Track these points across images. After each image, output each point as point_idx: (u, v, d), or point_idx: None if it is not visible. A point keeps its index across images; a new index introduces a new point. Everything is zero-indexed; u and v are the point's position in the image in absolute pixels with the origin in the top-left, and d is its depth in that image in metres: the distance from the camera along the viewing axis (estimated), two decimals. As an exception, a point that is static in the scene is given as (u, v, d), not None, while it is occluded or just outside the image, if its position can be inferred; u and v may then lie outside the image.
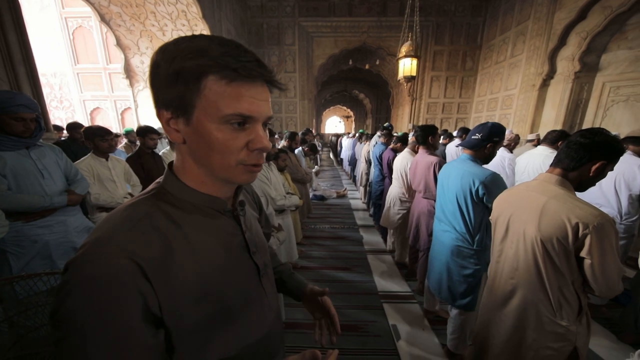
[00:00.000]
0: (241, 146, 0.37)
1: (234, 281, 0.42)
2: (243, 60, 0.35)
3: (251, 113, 0.36)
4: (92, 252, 0.31)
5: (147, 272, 0.31)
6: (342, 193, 5.23)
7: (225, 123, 0.35)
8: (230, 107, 0.34)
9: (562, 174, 0.89)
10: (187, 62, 0.33)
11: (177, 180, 0.40)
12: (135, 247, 0.32)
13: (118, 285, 0.29)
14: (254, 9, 7.21)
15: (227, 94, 0.34)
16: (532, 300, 0.91)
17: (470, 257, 1.35)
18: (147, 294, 0.31)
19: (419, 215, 2.08)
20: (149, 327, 0.31)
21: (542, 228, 0.86)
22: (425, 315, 1.89)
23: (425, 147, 2.04)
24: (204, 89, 0.34)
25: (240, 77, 0.34)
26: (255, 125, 0.37)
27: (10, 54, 2.12)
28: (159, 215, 0.37)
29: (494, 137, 1.25)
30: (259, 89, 0.37)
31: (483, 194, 1.22)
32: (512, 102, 5.74)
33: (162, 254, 0.34)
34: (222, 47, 0.34)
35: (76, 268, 0.30)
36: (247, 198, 0.57)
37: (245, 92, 0.35)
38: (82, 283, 0.29)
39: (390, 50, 7.01)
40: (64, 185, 1.49)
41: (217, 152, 0.36)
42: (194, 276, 0.36)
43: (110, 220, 0.35)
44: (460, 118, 7.63)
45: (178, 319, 0.34)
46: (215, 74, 0.34)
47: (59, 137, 3.74)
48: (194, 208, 0.40)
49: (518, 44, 5.52)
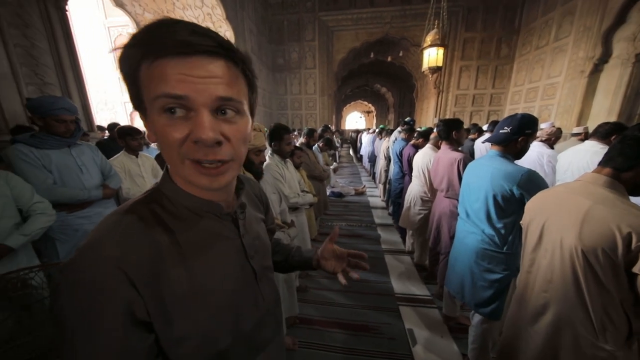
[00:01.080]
0: (182, 137, 0.31)
1: (227, 286, 0.41)
2: (168, 32, 0.29)
3: (182, 92, 0.30)
4: (80, 257, 0.31)
5: (133, 278, 0.31)
6: (360, 190, 5.13)
7: (162, 111, 0.31)
8: (158, 89, 0.30)
9: (613, 174, 0.75)
10: (122, 57, 0.31)
11: (171, 183, 0.39)
12: (122, 253, 0.31)
13: (99, 291, 0.29)
14: (275, 6, 7.26)
15: (156, 74, 0.30)
16: (568, 318, 0.80)
17: (500, 261, 1.23)
18: (133, 300, 0.31)
19: (440, 215, 1.96)
20: (136, 331, 0.31)
21: (584, 237, 0.74)
22: (445, 322, 1.78)
23: (448, 142, 1.90)
24: (141, 78, 0.31)
25: (167, 53, 0.29)
26: (198, 111, 0.31)
27: (61, 61, 2.37)
28: (151, 219, 0.36)
29: (525, 129, 1.11)
30: (199, 64, 0.30)
31: (520, 194, 1.10)
32: (556, 91, 5.13)
33: (150, 259, 0.33)
34: (149, 27, 0.30)
35: (65, 273, 0.30)
36: (251, 199, 0.56)
37: (172, 70, 0.29)
38: (68, 288, 0.29)
39: (415, 41, 6.63)
40: (100, 180, 1.64)
41: (165, 146, 0.33)
42: (185, 282, 0.36)
43: (103, 223, 0.35)
44: (493, 110, 7.01)
45: (167, 325, 0.34)
46: (144, 57, 0.30)
47: (102, 137, 4.15)
48: (188, 211, 0.39)
49: (564, 25, 4.88)
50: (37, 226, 1.18)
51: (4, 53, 1.95)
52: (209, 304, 0.38)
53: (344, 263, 0.63)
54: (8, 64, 1.98)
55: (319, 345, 1.62)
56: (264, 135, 1.17)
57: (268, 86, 7.59)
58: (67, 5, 2.44)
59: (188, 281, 0.36)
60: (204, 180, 0.34)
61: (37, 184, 1.31)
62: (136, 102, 0.34)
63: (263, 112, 7.18)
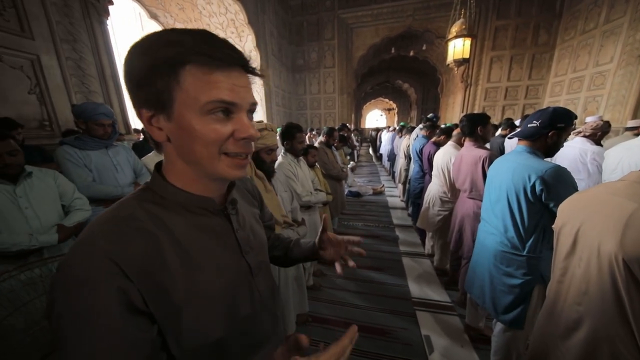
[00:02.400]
0: (226, 135, 0.36)
1: (222, 281, 0.41)
2: (218, 47, 0.34)
3: (233, 99, 0.35)
4: (73, 254, 0.32)
5: (127, 270, 0.32)
6: (379, 190, 5.01)
7: (208, 113, 0.35)
8: (211, 95, 0.34)
9: (666, 172, 0.65)
10: (161, 55, 0.33)
11: (162, 181, 0.40)
12: (115, 247, 0.32)
13: (93, 284, 0.30)
14: (295, 8, 7.36)
15: (206, 82, 0.34)
16: (606, 335, 0.70)
17: (520, 265, 1.12)
18: (129, 291, 0.31)
19: (462, 217, 1.84)
20: (136, 321, 0.32)
21: (627, 244, 0.64)
22: (466, 331, 1.67)
23: (472, 139, 1.77)
24: (182, 81, 0.33)
25: (217, 64, 0.34)
26: (239, 113, 0.37)
27: (104, 71, 2.64)
28: (143, 215, 0.37)
29: (557, 123, 1.00)
30: (237, 75, 0.36)
31: (541, 191, 0.99)
32: (606, 80, 4.53)
33: (144, 253, 0.34)
34: (194, 37, 0.34)
35: (60, 270, 0.31)
36: (244, 195, 0.56)
37: (224, 79, 0.34)
38: (63, 284, 0.30)
39: (440, 32, 6.29)
40: (132, 178, 1.80)
41: (202, 145, 0.35)
42: (182, 275, 0.36)
43: (96, 221, 0.36)
44: (530, 104, 6.39)
45: (168, 316, 0.35)
46: (192, 63, 0.33)
47: (137, 138, 4.56)
48: (179, 207, 0.40)
49: (617, 4, 4.28)
50: (75, 220, 1.31)
51: (58, 66, 2.23)
52: (206, 298, 0.39)
53: (342, 250, 0.64)
54: (61, 75, 2.26)
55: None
56: (275, 134, 1.19)
57: (288, 87, 7.72)
58: (108, 20, 2.71)
59: (185, 275, 0.37)
60: (236, 171, 0.39)
61: (79, 181, 1.47)
62: (155, 101, 0.35)
63: (283, 112, 7.33)
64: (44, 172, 1.32)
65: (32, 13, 2.03)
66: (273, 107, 6.65)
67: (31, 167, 1.27)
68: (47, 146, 2.04)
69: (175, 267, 0.36)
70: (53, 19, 2.17)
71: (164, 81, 0.33)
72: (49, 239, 1.19)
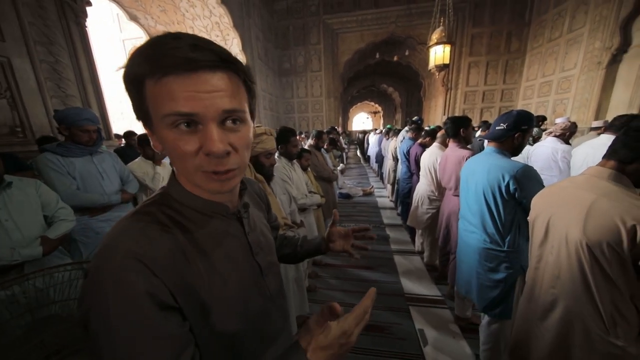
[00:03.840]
0: (193, 150, 0.33)
1: (237, 281, 0.43)
2: (169, 48, 0.30)
3: (191, 110, 0.31)
4: (102, 259, 0.32)
5: (154, 269, 0.33)
6: (368, 191, 5.12)
7: (172, 126, 0.32)
8: (167, 107, 0.31)
9: (618, 167, 0.75)
10: (126, 71, 0.33)
11: (179, 186, 0.41)
12: (141, 249, 0.33)
13: (127, 285, 0.30)
14: (280, 12, 7.42)
15: (161, 93, 0.31)
16: (577, 313, 0.79)
17: (502, 260, 1.22)
18: (158, 288, 0.32)
19: (449, 214, 1.94)
20: (172, 318, 0.33)
21: (589, 231, 0.74)
22: (457, 322, 1.76)
23: (456, 140, 1.89)
24: (146, 94, 0.32)
25: (169, 71, 0.30)
26: (206, 125, 0.33)
27: (82, 75, 2.54)
28: (164, 219, 0.38)
29: (521, 125, 1.11)
30: (202, 79, 0.31)
31: (515, 190, 1.09)
32: (571, 84, 4.93)
33: (169, 252, 0.35)
34: (151, 44, 0.31)
35: (91, 277, 0.32)
36: (252, 198, 0.59)
37: (179, 87, 0.30)
38: (97, 289, 0.31)
39: (421, 39, 6.57)
40: (119, 186, 1.75)
41: (177, 158, 0.35)
42: (201, 275, 0.38)
43: (118, 227, 0.36)
44: (505, 106, 6.81)
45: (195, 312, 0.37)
46: (148, 74, 0.31)
47: (119, 144, 4.38)
48: (195, 212, 0.41)
49: (578, 15, 4.71)
50: (60, 231, 1.25)
51: (31, 69, 2.12)
52: (224, 298, 0.41)
53: (351, 239, 0.69)
54: (35, 79, 2.15)
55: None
56: (274, 138, 1.22)
57: (275, 90, 7.73)
58: (86, 22, 2.62)
59: (206, 275, 0.39)
60: (214, 185, 0.36)
61: (62, 190, 1.41)
62: (140, 114, 0.36)
63: (270, 116, 7.31)
64: (25, 182, 1.26)
65: (2, 13, 1.92)
66: (261, 110, 6.63)
67: (11, 176, 1.21)
68: (20, 153, 1.93)
69: (198, 267, 0.38)
70: (25, 20, 2.07)
71: (135, 97, 0.34)
72: (32, 252, 1.14)
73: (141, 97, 0.33)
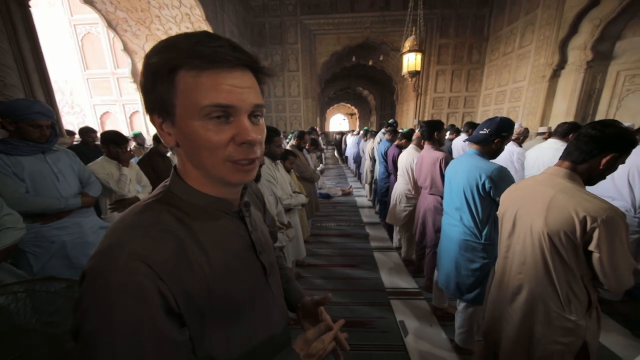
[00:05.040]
0: (227, 141, 0.35)
1: (241, 281, 0.42)
2: (214, 46, 0.33)
3: (231, 102, 0.34)
4: (106, 259, 0.31)
5: (161, 274, 0.32)
6: (347, 191, 5.23)
7: (206, 117, 0.33)
8: (207, 99, 0.33)
9: (571, 167, 0.87)
10: (158, 60, 0.33)
11: (183, 183, 0.40)
12: (147, 251, 0.32)
13: (139, 288, 0.30)
14: (256, 9, 7.23)
15: (202, 85, 0.33)
16: (540, 295, 0.91)
17: (479, 251, 1.34)
18: (165, 294, 0.31)
19: (425, 211, 2.07)
20: (175, 325, 0.33)
21: (550, 222, 0.85)
22: (433, 312, 1.89)
23: (430, 142, 2.02)
24: (178, 85, 0.33)
25: (213, 65, 0.33)
26: (239, 116, 0.35)
27: (25, 62, 2.20)
28: (168, 218, 0.37)
29: (502, 132, 1.23)
30: (237, 76, 0.35)
31: (490, 188, 1.22)
32: (521, 94, 5.59)
33: (173, 256, 0.34)
34: (190, 38, 0.33)
35: (93, 278, 0.30)
36: (252, 198, 0.58)
37: (221, 81, 0.33)
38: (101, 292, 0.29)
39: (394, 45, 6.91)
40: (78, 188, 1.55)
41: (204, 150, 0.35)
42: (205, 277, 0.37)
43: (120, 226, 0.35)
44: (467, 112, 7.48)
45: (193, 318, 0.35)
46: (186, 65, 0.32)
47: (71, 142, 3.87)
48: (200, 210, 0.40)
49: (527, 34, 5.36)
50: (4, 242, 1.07)
51: (-41, 54, 1.78)
52: (232, 299, 0.40)
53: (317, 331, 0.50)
54: (-36, 65, 1.81)
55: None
56: None
57: (251, 88, 7.51)
58: (29, 2, 2.27)
59: (207, 276, 0.37)
60: (240, 175, 0.38)
61: (7, 194, 1.21)
62: (159, 106, 0.35)
63: (247, 114, 7.08)
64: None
65: None
66: (237, 109, 6.39)
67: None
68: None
69: (203, 269, 0.37)
70: (-51, -2, 1.73)
71: (163, 87, 0.33)
72: None
73: (170, 88, 0.33)
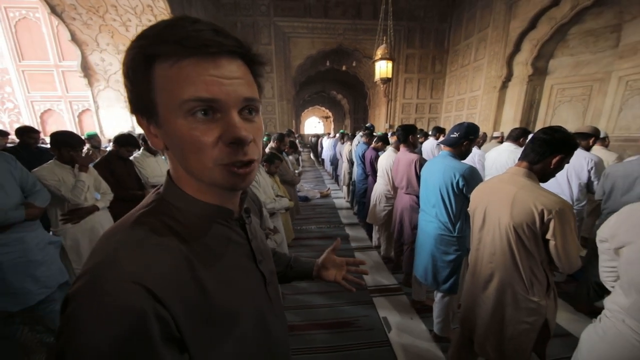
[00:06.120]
0: (213, 140, 0.30)
1: (243, 293, 0.40)
2: (191, 30, 0.28)
3: (214, 95, 0.29)
4: (97, 280, 0.27)
5: (158, 294, 0.28)
6: (325, 193, 5.28)
7: (188, 114, 0.29)
8: (187, 92, 0.28)
9: (528, 167, 1.00)
10: (132, 51, 0.29)
11: (178, 190, 0.36)
12: (142, 270, 0.29)
13: (134, 314, 0.26)
14: (227, 7, 6.99)
15: (180, 76, 0.28)
16: (508, 281, 1.02)
17: (452, 243, 1.47)
18: (164, 317, 0.28)
19: (402, 210, 2.19)
20: (175, 353, 0.30)
21: (514, 216, 0.96)
22: (413, 305, 1.99)
23: (406, 145, 2.15)
24: (155, 79, 0.29)
25: (192, 52, 0.28)
26: (227, 112, 0.30)
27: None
28: (164, 230, 0.33)
29: (469, 135, 1.37)
30: (223, 65, 0.30)
31: (463, 185, 1.34)
32: (477, 102, 6.25)
33: (171, 273, 0.31)
34: (166, 25, 0.29)
35: (82, 301, 0.26)
36: (249, 204, 0.55)
37: (201, 71, 0.29)
38: (93, 317, 0.25)
39: (366, 53, 7.22)
40: (19, 198, 1.34)
41: (190, 152, 0.31)
42: (207, 292, 0.34)
43: (109, 242, 0.31)
44: (432, 118, 8.10)
45: (195, 337, 0.32)
46: (162, 54, 0.28)
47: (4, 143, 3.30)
48: (198, 219, 0.37)
49: (480, 49, 6.02)
50: None
51: None
52: (236, 312, 0.37)
53: (343, 271, 0.67)
54: None
55: (302, 350, 1.62)
56: None
57: (223, 89, 7.20)
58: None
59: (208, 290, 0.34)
60: (235, 180, 0.33)
61: None
62: (140, 104, 0.32)
63: (219, 116, 6.77)
64: None
65: None
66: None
67: None
68: None
69: (204, 285, 0.34)
70: None
71: (140, 82, 0.30)
72: None
73: (147, 83, 0.29)
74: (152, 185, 2.50)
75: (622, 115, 3.86)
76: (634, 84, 3.70)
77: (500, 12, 5.25)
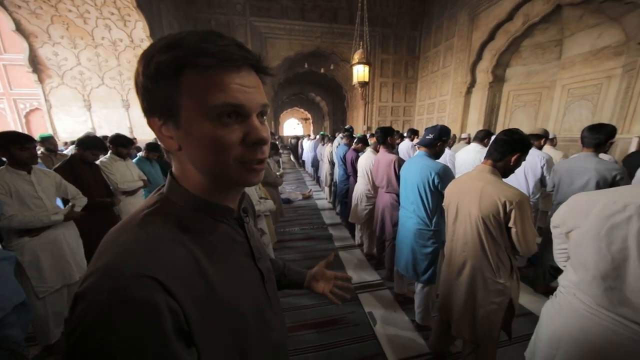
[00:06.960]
0: (237, 141, 0.34)
1: (244, 291, 0.41)
2: (221, 45, 0.32)
3: (241, 101, 0.33)
4: (109, 276, 0.28)
5: (170, 287, 0.29)
6: (307, 194, 5.30)
7: (216, 118, 0.32)
8: (218, 98, 0.32)
9: (492, 164, 1.13)
10: (161, 59, 0.31)
11: (182, 189, 0.38)
12: (153, 263, 0.30)
13: (148, 306, 0.27)
14: (200, 4, 6.73)
15: (211, 84, 0.32)
16: (479, 267, 1.14)
17: (430, 237, 1.58)
18: (175, 311, 0.29)
19: (383, 208, 2.29)
20: (184, 346, 0.30)
21: (482, 208, 1.08)
22: (396, 298, 2.09)
23: (385, 146, 2.26)
24: (184, 85, 0.32)
25: (221, 64, 0.32)
26: (249, 116, 0.35)
27: None
28: (171, 228, 0.35)
29: (442, 136, 1.49)
30: (245, 75, 0.34)
31: (438, 183, 1.46)
32: (446, 106, 6.73)
33: (181, 269, 0.32)
34: (196, 36, 0.33)
35: (95, 298, 0.26)
36: (247, 205, 0.56)
37: (230, 80, 0.33)
38: (108, 312, 0.26)
39: (343, 56, 7.40)
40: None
41: (213, 153, 0.34)
42: (214, 288, 0.35)
43: (117, 244, 0.32)
44: (406, 120, 8.55)
45: (202, 332, 0.33)
46: (193, 65, 0.31)
47: None
48: (202, 217, 0.38)
49: (447, 56, 6.51)
50: None
51: None
52: (239, 309, 0.39)
53: (331, 284, 0.72)
54: None
55: (291, 351, 1.62)
56: None
57: (198, 89, 6.90)
58: None
59: (214, 286, 0.36)
60: (251, 176, 0.37)
61: None
62: (163, 108, 0.33)
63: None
64: None
65: None
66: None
67: None
68: None
69: (211, 281, 0.35)
70: None
71: (167, 87, 0.32)
72: None
73: (175, 88, 0.32)
74: (122, 191, 2.32)
75: (566, 118, 4.43)
76: (574, 91, 4.28)
77: (464, 23, 5.73)
